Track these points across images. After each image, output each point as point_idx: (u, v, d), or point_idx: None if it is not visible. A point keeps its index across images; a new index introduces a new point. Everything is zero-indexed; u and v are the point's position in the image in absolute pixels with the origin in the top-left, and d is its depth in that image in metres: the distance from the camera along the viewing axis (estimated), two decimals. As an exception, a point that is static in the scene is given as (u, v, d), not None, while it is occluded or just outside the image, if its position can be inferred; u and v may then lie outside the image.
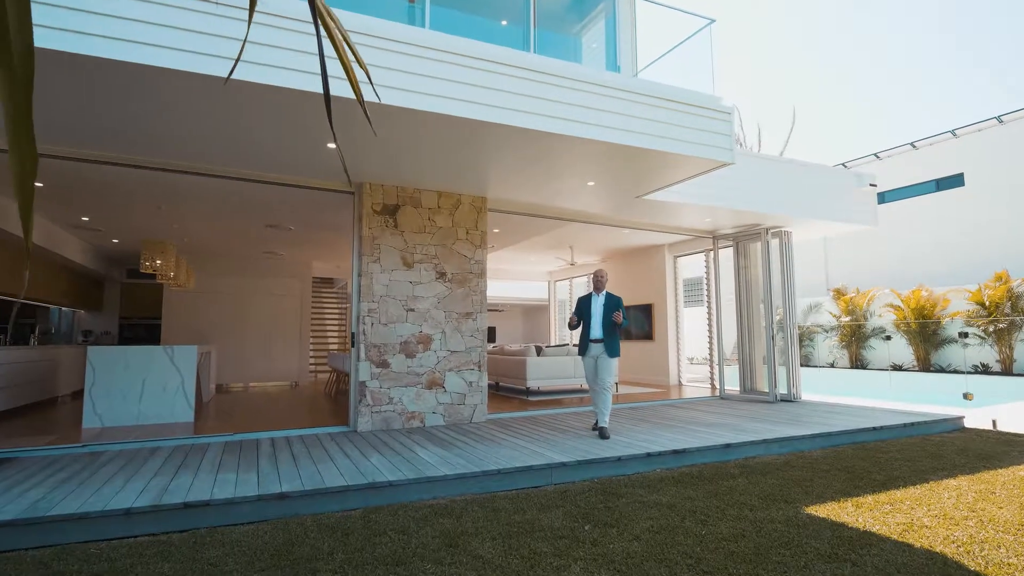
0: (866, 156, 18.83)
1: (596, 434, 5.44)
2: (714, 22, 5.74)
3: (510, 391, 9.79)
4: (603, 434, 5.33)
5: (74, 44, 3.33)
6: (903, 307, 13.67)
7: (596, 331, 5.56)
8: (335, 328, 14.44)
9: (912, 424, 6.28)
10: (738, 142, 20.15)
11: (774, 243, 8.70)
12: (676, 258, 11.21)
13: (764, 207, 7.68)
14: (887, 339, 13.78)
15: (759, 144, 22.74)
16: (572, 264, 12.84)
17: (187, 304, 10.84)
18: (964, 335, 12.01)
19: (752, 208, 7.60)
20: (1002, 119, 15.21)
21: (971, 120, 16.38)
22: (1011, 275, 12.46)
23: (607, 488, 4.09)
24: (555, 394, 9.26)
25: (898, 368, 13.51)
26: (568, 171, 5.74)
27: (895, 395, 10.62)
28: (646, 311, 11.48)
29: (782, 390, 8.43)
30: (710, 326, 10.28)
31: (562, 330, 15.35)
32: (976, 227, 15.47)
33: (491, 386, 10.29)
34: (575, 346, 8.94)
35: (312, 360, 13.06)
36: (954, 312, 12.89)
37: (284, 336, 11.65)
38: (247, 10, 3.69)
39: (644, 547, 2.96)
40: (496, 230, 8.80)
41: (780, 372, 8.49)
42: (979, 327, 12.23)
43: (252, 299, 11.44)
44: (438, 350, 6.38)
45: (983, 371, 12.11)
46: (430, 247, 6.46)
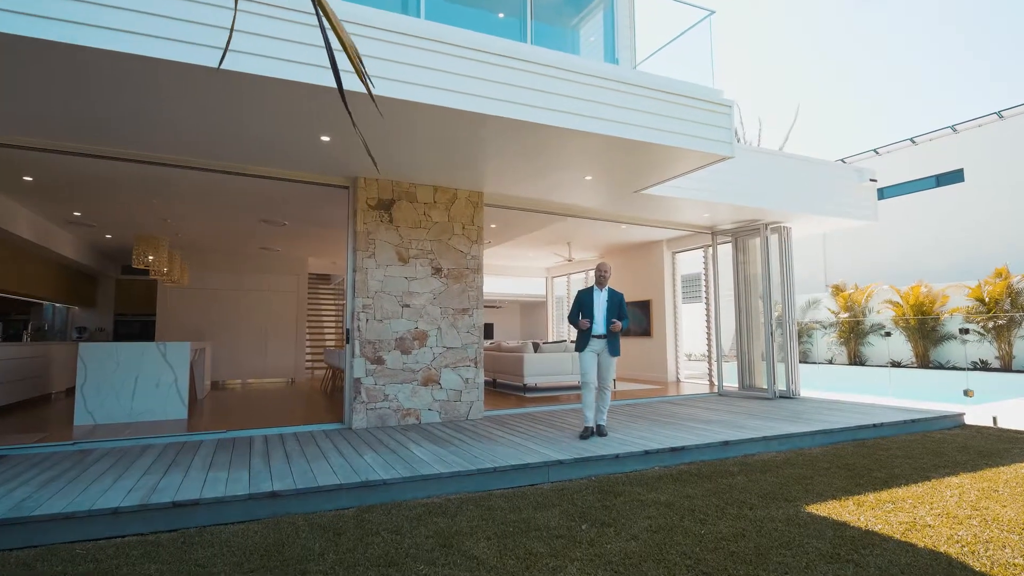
0: (866, 152, 18.77)
1: (591, 436, 5.15)
2: (714, 13, 5.66)
3: (507, 388, 9.73)
4: (602, 432, 5.25)
5: (59, 33, 3.24)
6: (902, 303, 13.63)
7: (599, 328, 5.32)
8: (332, 324, 14.36)
9: (912, 421, 6.23)
10: (737, 137, 20.07)
11: (773, 239, 8.64)
12: (674, 254, 11.14)
13: (763, 202, 7.61)
14: (887, 335, 13.74)
15: (759, 139, 22.66)
16: (570, 260, 12.77)
17: (182, 300, 10.75)
18: (965, 331, 11.97)
19: (751, 203, 7.53)
20: (1002, 114, 15.15)
21: (971, 115, 16.25)
22: (1011, 271, 12.42)
23: (605, 486, 4.03)
24: (552, 391, 9.20)
25: (896, 364, 13.48)
26: (565, 165, 5.66)
27: (894, 392, 10.59)
28: (644, 307, 11.42)
29: (781, 387, 8.38)
30: (708, 322, 10.22)
31: (560, 326, 15.28)
32: (976, 223, 15.42)
33: (488, 383, 10.22)
34: (572, 342, 8.86)
35: (309, 357, 12.99)
36: (953, 308, 12.86)
37: (280, 333, 11.57)
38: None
39: (642, 547, 2.89)
40: (493, 225, 8.72)
41: (779, 369, 8.44)
42: (979, 323, 12.19)
43: (248, 295, 11.36)
44: (434, 346, 6.31)
45: (982, 367, 12.08)
46: (426, 242, 6.38)
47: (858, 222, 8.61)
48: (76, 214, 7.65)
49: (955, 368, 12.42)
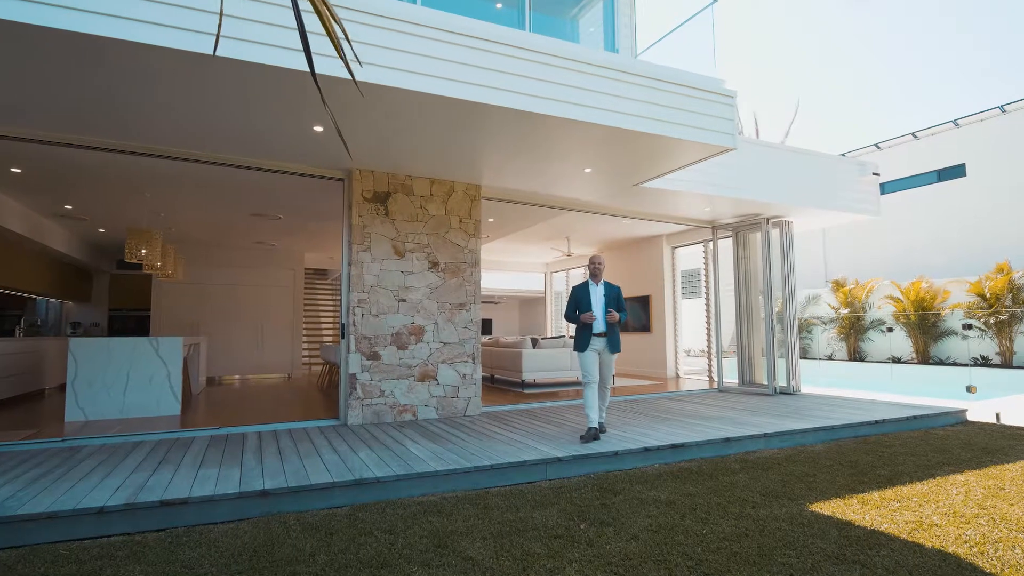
0: (867, 147, 18.64)
1: (592, 436, 4.84)
2: (716, 1, 5.54)
3: (506, 383, 9.65)
4: (602, 427, 5.16)
5: (44, 17, 3.12)
6: (903, 299, 13.55)
7: (599, 324, 5.03)
8: (329, 320, 14.26)
9: (914, 417, 6.16)
10: (739, 130, 19.89)
11: (774, 233, 8.55)
12: (674, 249, 11.05)
13: (765, 196, 7.51)
14: (889, 331, 13.67)
15: (756, 134, 22.51)
16: (569, 255, 12.67)
17: (177, 295, 10.65)
18: (968, 327, 11.89)
19: (753, 197, 7.43)
20: (1005, 108, 15.03)
21: (973, 110, 16.13)
22: (1012, 266, 12.33)
23: (604, 484, 3.95)
24: (551, 387, 9.12)
25: (897, 361, 13.42)
26: (564, 157, 5.56)
27: (895, 388, 10.53)
28: (643, 303, 11.34)
29: (781, 383, 8.31)
30: (708, 318, 10.14)
31: (559, 322, 15.19)
32: (977, 218, 15.32)
33: (486, 378, 10.14)
34: (571, 338, 8.78)
35: (305, 352, 12.90)
36: (954, 304, 12.78)
37: (277, 328, 11.47)
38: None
39: (642, 547, 2.81)
40: (491, 219, 8.61)
41: (779, 364, 8.37)
42: (979, 319, 12.12)
43: (244, 290, 11.26)
44: (431, 342, 6.22)
45: (983, 363, 12.02)
46: (422, 236, 6.27)
47: (860, 216, 8.52)
48: (67, 207, 7.54)
49: (955, 364, 12.35)
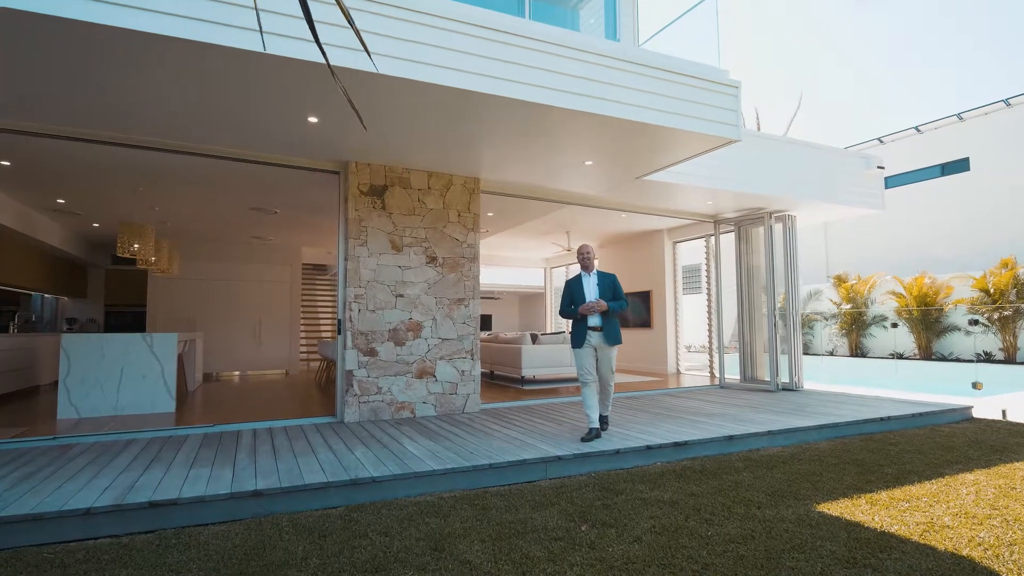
0: (869, 140, 18.50)
1: (596, 439, 4.65)
2: (720, -10, 5.41)
3: (505, 380, 9.56)
4: (605, 422, 5.01)
5: (30, 3, 3.00)
6: (905, 294, 13.46)
7: (593, 318, 4.81)
8: (327, 316, 14.16)
9: (920, 414, 6.07)
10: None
11: (777, 227, 8.43)
12: (675, 244, 10.95)
13: (768, 189, 7.40)
14: (894, 327, 13.57)
15: (758, 129, 22.37)
16: (568, 250, 12.55)
17: (174, 291, 10.55)
18: (975, 323, 11.80)
19: (756, 190, 7.32)
20: (1009, 102, 14.88)
21: (977, 103, 15.98)
22: (1017, 261, 12.22)
23: (605, 483, 3.86)
24: (551, 383, 9.03)
25: (899, 356, 13.33)
26: (565, 149, 5.45)
27: (899, 384, 10.44)
28: (644, 298, 11.24)
29: (784, 379, 8.22)
30: (710, 313, 10.04)
31: (558, 317, 15.08)
32: (981, 212, 15.19)
33: (486, 375, 10.06)
34: (571, 334, 8.67)
35: (304, 348, 12.81)
36: (957, 299, 12.68)
37: (274, 324, 11.37)
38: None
39: (646, 550, 2.72)
40: (490, 213, 8.50)
41: (782, 360, 8.27)
42: (984, 314, 12.03)
43: (241, 285, 11.15)
44: (429, 338, 6.12)
45: (986, 359, 11.93)
46: (420, 230, 6.17)
47: (865, 210, 8.41)
48: (60, 201, 7.42)
49: (958, 360, 12.27)
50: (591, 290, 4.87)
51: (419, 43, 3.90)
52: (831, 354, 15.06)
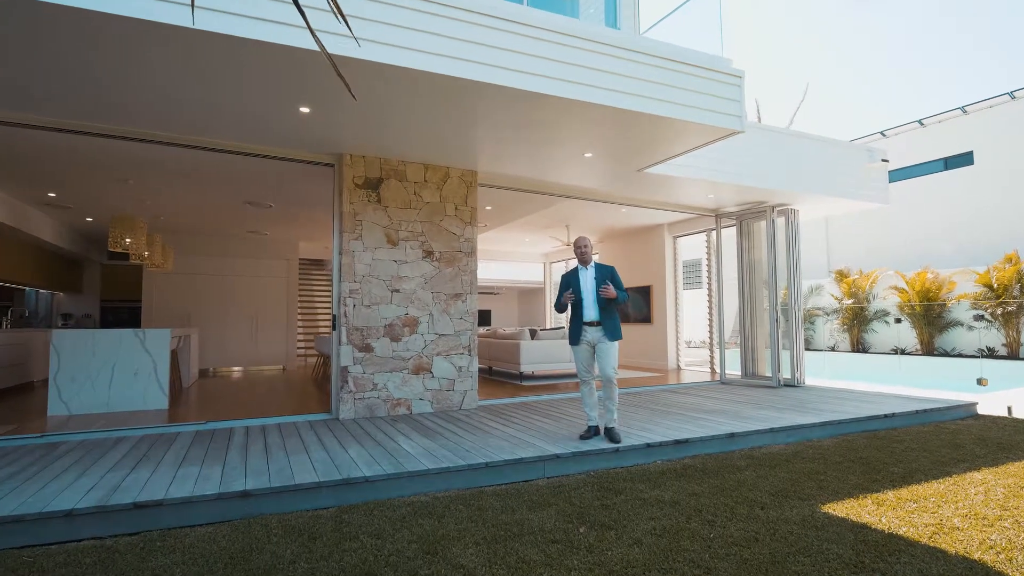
0: (872, 134, 18.34)
1: (594, 436, 4.53)
2: (724, -24, 5.28)
3: (503, 376, 9.47)
4: (613, 436, 4.42)
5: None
6: (907, 289, 13.35)
7: (590, 312, 4.55)
8: (325, 311, 14.06)
9: (924, 411, 5.97)
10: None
11: (780, 221, 8.32)
12: (676, 238, 10.83)
13: (771, 182, 7.28)
14: (897, 322, 13.47)
15: (759, 120, 22.18)
16: (568, 244, 12.43)
17: (169, 286, 10.44)
18: (980, 318, 11.69)
19: (758, 184, 7.20)
20: (1014, 95, 14.72)
21: (981, 97, 15.80)
22: (1021, 256, 12.10)
23: (604, 482, 3.76)
24: (550, 379, 8.94)
25: (901, 352, 13.24)
26: (564, 140, 5.32)
27: (901, 380, 10.35)
28: (644, 293, 11.13)
29: (785, 375, 8.13)
30: (710, 308, 9.94)
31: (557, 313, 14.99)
32: (985, 207, 15.05)
33: (484, 371, 9.96)
34: (568, 331, 8.55)
35: (301, 344, 12.71)
36: (960, 295, 12.58)
37: (271, 319, 11.27)
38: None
39: (646, 553, 2.63)
40: (488, 207, 8.38)
41: (783, 356, 8.18)
42: (986, 310, 11.92)
43: (237, 280, 11.04)
44: (425, 333, 6.02)
45: (989, 355, 11.84)
46: (416, 224, 6.05)
47: (869, 204, 8.28)
48: (51, 195, 7.30)
49: (961, 356, 12.17)
50: (588, 284, 4.62)
51: (414, 30, 3.78)
52: (832, 350, 14.97)
